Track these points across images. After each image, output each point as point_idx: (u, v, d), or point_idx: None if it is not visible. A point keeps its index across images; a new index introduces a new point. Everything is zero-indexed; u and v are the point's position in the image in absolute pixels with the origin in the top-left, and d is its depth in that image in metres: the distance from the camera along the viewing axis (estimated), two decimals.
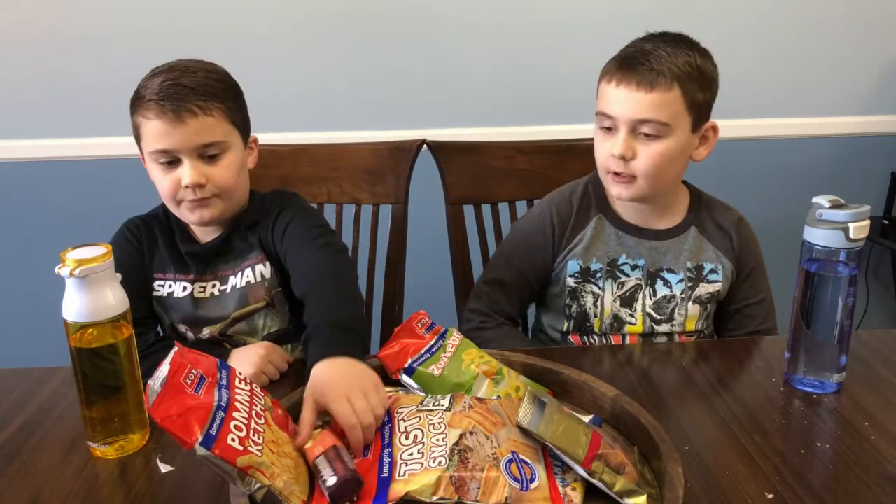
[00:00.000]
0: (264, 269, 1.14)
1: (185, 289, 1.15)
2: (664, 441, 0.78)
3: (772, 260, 1.34)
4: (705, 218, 1.27)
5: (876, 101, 2.07)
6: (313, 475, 0.74)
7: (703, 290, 1.25)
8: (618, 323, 1.25)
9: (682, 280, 1.24)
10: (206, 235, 1.17)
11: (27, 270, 1.81)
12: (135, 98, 1.09)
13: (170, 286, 1.15)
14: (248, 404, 0.74)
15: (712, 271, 1.25)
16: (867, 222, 0.95)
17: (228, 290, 1.14)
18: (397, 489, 0.68)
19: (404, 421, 0.77)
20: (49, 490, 0.82)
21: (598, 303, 1.25)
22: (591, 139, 1.43)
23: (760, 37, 1.96)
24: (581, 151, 1.47)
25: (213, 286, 1.15)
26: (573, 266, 1.26)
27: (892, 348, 1.12)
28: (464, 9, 1.89)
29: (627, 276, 1.25)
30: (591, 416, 0.86)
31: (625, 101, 1.14)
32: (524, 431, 0.74)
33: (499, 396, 0.87)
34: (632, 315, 1.25)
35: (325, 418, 0.79)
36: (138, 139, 1.11)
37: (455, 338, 0.95)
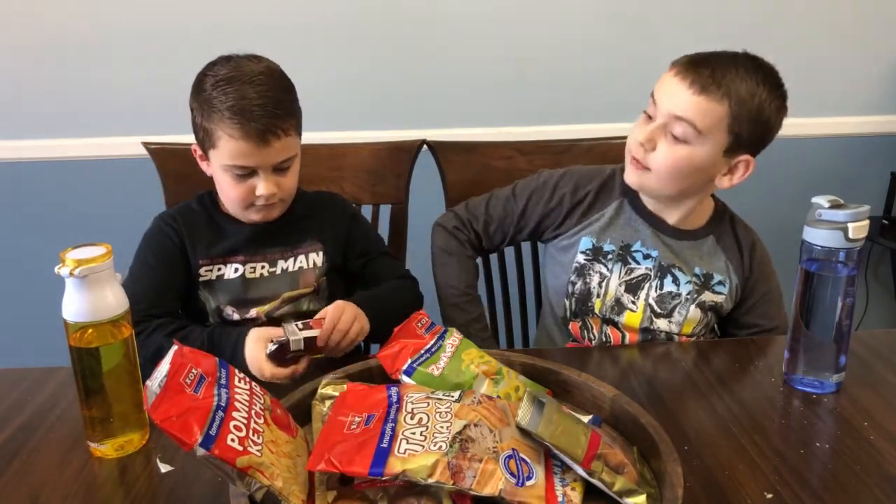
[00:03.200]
0: (317, 258, 1.24)
1: (236, 270, 1.20)
2: (664, 441, 0.78)
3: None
4: (725, 230, 1.27)
5: (876, 101, 2.07)
6: (312, 475, 0.74)
7: (708, 297, 1.25)
8: (619, 307, 1.25)
9: (689, 282, 1.24)
10: (251, 220, 1.22)
11: (27, 270, 1.81)
12: (205, 105, 1.11)
13: (219, 269, 1.20)
14: (247, 404, 0.74)
15: (720, 283, 1.25)
16: (866, 222, 0.95)
17: (278, 272, 1.21)
18: (395, 465, 0.68)
19: (412, 403, 0.77)
20: (49, 490, 0.82)
21: (604, 283, 1.25)
22: (591, 139, 1.43)
23: (760, 37, 1.95)
24: (581, 152, 1.47)
25: (263, 267, 1.21)
26: (586, 243, 1.26)
27: (891, 348, 1.12)
28: (464, 8, 1.89)
29: (638, 263, 1.25)
30: (590, 416, 0.86)
31: (673, 93, 1.13)
32: (524, 432, 0.74)
33: (499, 396, 0.87)
34: (634, 302, 1.24)
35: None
36: (208, 143, 1.13)
37: (455, 338, 0.95)
